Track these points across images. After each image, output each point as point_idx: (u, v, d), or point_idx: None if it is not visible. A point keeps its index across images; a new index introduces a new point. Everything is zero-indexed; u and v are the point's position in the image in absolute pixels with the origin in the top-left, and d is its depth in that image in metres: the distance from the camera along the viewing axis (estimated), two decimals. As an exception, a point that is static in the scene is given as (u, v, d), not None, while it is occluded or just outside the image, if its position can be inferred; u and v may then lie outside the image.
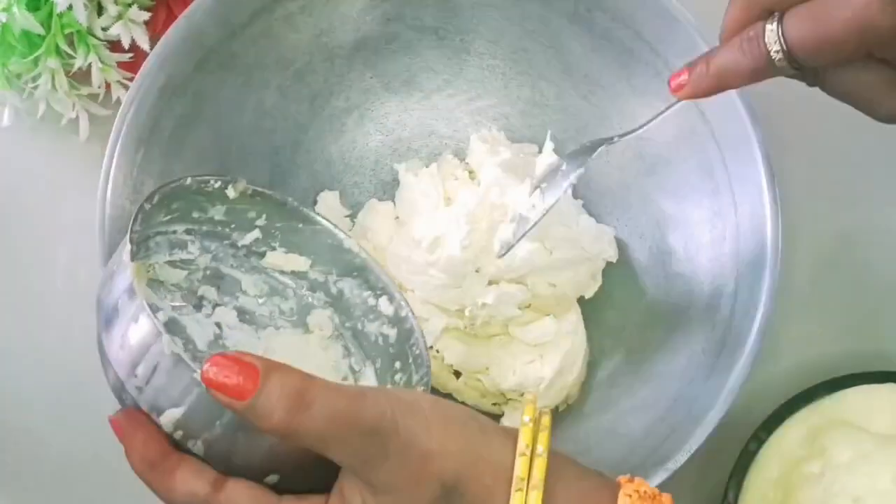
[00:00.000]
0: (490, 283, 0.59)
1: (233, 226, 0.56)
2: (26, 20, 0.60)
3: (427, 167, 0.64)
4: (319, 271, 0.58)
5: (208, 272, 0.56)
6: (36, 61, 0.62)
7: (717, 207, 0.59)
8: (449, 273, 0.59)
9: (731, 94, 0.56)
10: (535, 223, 0.56)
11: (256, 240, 0.57)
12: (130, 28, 0.63)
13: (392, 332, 0.56)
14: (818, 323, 0.64)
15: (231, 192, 0.54)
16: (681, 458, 0.52)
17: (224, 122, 0.60)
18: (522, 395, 0.60)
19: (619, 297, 0.63)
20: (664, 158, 0.61)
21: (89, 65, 0.63)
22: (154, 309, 0.53)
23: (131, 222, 0.47)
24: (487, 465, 0.41)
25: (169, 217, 0.53)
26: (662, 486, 0.51)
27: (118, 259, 0.46)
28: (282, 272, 0.58)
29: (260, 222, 0.56)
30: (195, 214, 0.54)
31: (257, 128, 0.62)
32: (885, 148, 0.67)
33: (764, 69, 0.46)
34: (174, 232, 0.54)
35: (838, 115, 0.67)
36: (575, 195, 0.64)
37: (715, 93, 0.48)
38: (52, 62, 0.62)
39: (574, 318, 0.61)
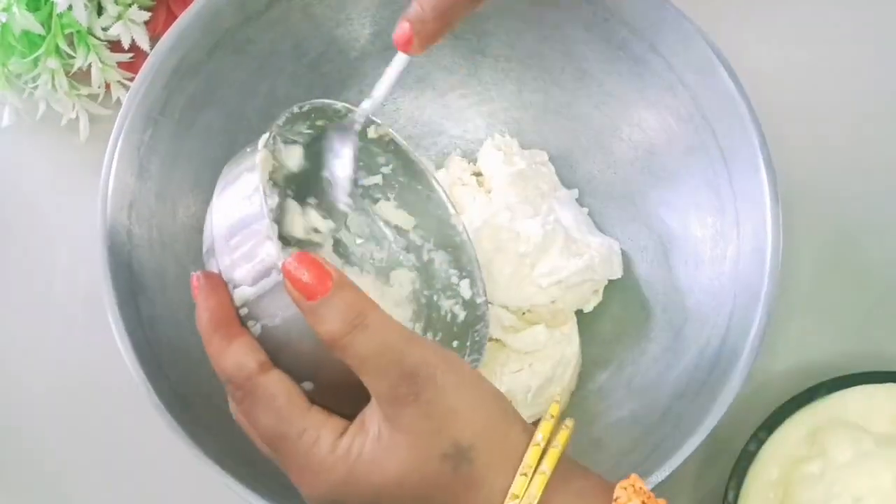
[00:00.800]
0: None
1: (360, 163, 0.56)
2: (26, 20, 0.60)
3: (436, 170, 0.64)
4: (419, 235, 0.59)
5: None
6: (36, 61, 0.62)
7: (720, 226, 0.58)
8: None
9: (741, 109, 0.56)
10: None
11: (376, 185, 0.58)
12: (130, 28, 0.63)
13: (462, 314, 0.57)
14: (818, 323, 0.64)
15: (371, 132, 0.55)
16: (662, 474, 0.52)
17: (235, 106, 0.60)
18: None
19: (616, 308, 0.62)
20: (671, 173, 0.61)
21: (89, 65, 0.63)
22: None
23: (277, 120, 0.48)
24: (502, 444, 0.42)
25: (309, 130, 0.53)
26: (659, 487, 0.51)
27: (254, 143, 0.48)
28: (386, 223, 0.59)
29: (385, 170, 0.57)
30: None
31: (268, 114, 0.61)
32: (886, 148, 0.67)
33: None
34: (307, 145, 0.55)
35: (839, 115, 0.68)
36: (581, 203, 0.64)
37: (443, 32, 0.47)
38: (52, 62, 0.62)
39: (569, 328, 0.61)
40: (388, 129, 0.55)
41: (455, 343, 0.57)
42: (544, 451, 0.42)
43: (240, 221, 0.45)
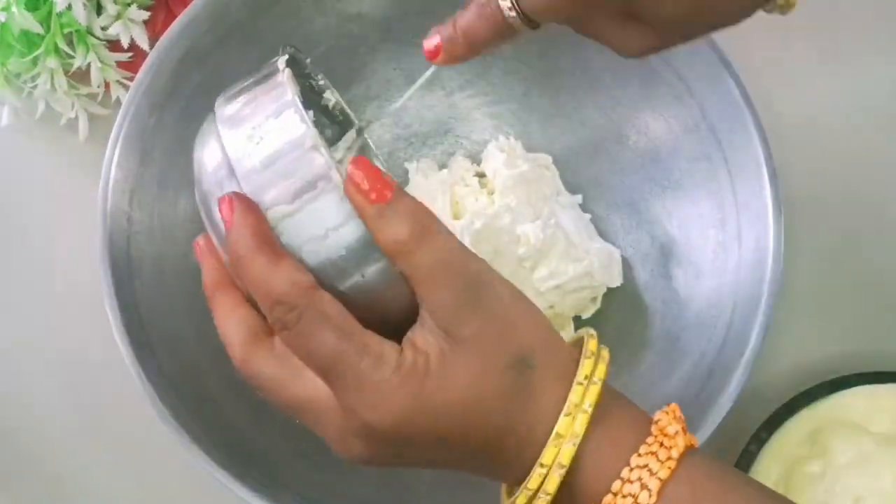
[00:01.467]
0: None
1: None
2: (25, 19, 0.60)
3: (438, 170, 0.64)
4: None
5: None
6: (35, 61, 0.62)
7: (722, 238, 0.58)
8: None
9: (747, 121, 0.56)
10: None
11: None
12: (130, 27, 0.63)
13: None
14: (818, 323, 0.64)
15: (328, 97, 0.52)
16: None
17: None
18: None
19: (615, 315, 0.62)
20: (676, 182, 0.61)
21: (88, 64, 0.63)
22: None
23: (287, 47, 0.46)
24: (556, 353, 0.42)
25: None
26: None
27: (273, 64, 0.45)
28: None
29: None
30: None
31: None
32: (886, 148, 0.67)
33: (504, 31, 0.45)
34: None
35: (839, 115, 0.68)
36: (584, 209, 0.64)
37: (470, 57, 0.47)
38: (52, 62, 0.62)
39: (566, 334, 0.61)
40: (338, 97, 0.52)
41: None
42: (596, 363, 0.42)
43: (272, 139, 0.41)
